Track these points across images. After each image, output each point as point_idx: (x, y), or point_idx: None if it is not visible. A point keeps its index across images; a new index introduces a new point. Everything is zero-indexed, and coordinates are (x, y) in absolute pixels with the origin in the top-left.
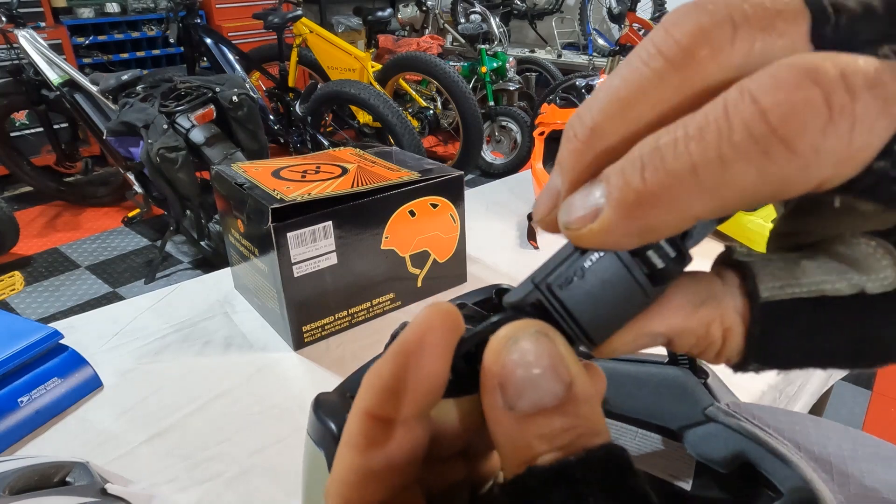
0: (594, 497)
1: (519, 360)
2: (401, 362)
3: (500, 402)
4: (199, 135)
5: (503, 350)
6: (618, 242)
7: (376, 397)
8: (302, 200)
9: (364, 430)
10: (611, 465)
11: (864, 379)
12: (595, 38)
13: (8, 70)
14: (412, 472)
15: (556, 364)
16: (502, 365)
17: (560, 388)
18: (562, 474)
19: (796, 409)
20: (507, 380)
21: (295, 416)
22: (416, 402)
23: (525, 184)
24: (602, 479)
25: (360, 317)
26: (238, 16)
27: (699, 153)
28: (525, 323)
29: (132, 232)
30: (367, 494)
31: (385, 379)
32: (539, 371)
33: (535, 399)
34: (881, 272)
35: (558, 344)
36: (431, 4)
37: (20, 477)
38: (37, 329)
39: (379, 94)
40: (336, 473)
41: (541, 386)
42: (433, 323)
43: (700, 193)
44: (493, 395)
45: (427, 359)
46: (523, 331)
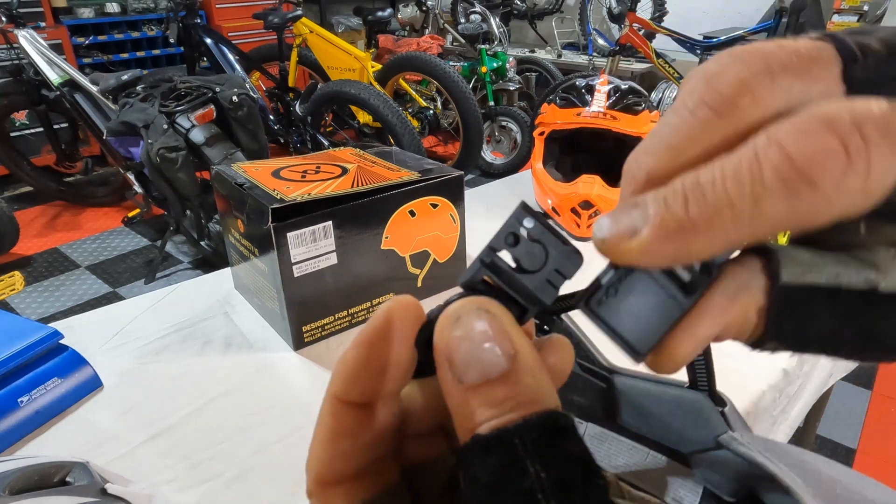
0: (530, 460)
1: (462, 335)
2: (364, 351)
3: (450, 375)
4: (199, 135)
5: (448, 327)
6: (652, 261)
7: (343, 383)
8: (302, 200)
9: (333, 412)
10: (547, 430)
11: (864, 379)
12: (595, 38)
13: (8, 70)
14: (383, 447)
15: (498, 337)
16: (447, 341)
17: (503, 360)
18: (500, 440)
19: (796, 409)
20: (453, 354)
21: (295, 416)
22: (377, 387)
23: (525, 184)
24: (538, 444)
25: (360, 317)
26: (238, 16)
27: (735, 190)
28: (468, 300)
29: (132, 232)
30: (337, 469)
31: (350, 366)
32: (482, 344)
33: (479, 371)
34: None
35: (501, 318)
36: (431, 4)
37: (20, 477)
38: (37, 329)
39: (379, 94)
40: (311, 450)
41: (484, 358)
42: (393, 314)
43: (735, 224)
44: (443, 369)
45: (388, 346)
46: (465, 308)
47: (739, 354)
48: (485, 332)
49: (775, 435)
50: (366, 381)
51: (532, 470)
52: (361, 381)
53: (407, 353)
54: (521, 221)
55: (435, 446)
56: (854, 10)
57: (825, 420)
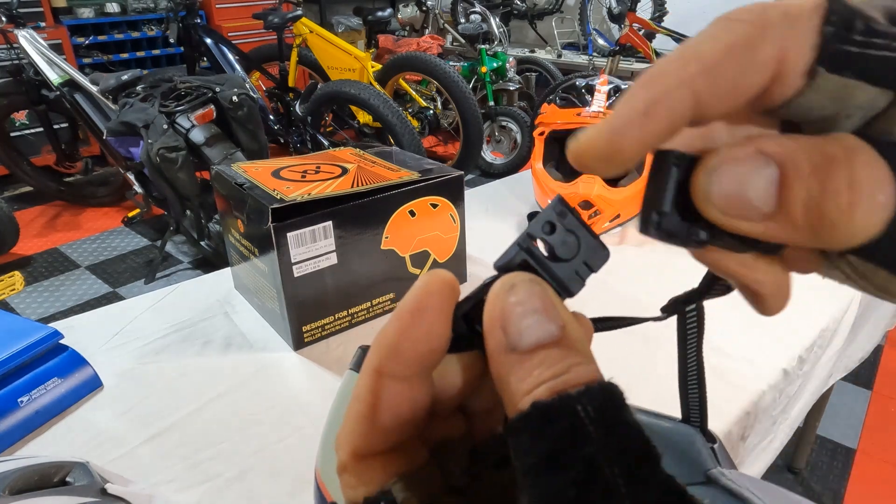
0: (594, 427)
1: (517, 301)
2: (404, 324)
3: (504, 342)
4: (199, 135)
5: (503, 294)
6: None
7: (383, 356)
8: (302, 200)
9: (372, 386)
10: (608, 399)
11: (864, 379)
12: (595, 38)
13: (8, 70)
14: (416, 425)
15: (549, 307)
16: (502, 308)
17: (554, 327)
18: (563, 407)
19: (796, 409)
20: (508, 320)
21: (295, 416)
22: (419, 360)
23: (525, 184)
24: (600, 413)
25: (360, 317)
26: (238, 16)
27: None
28: (518, 274)
29: (132, 232)
30: (374, 444)
31: (390, 339)
32: (536, 311)
33: (534, 336)
34: None
35: (550, 291)
36: (431, 4)
37: (20, 477)
38: (37, 329)
39: (379, 94)
40: (346, 424)
41: (538, 324)
42: (431, 287)
43: None
44: (496, 337)
45: (427, 319)
46: (520, 278)
47: (739, 354)
48: (538, 300)
49: (775, 435)
50: (406, 354)
51: (596, 437)
52: (402, 353)
53: (445, 325)
54: (557, 212)
55: (455, 427)
56: None
57: (825, 420)
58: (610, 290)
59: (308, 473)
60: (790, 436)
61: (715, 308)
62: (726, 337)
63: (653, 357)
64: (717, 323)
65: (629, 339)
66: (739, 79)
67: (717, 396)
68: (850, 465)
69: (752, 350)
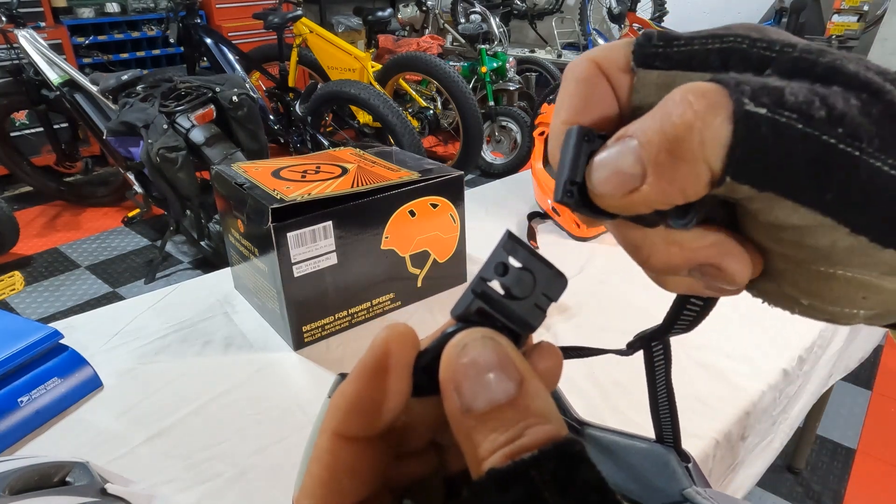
0: (549, 492)
1: (469, 363)
2: (363, 384)
3: (458, 404)
4: (199, 135)
5: (455, 356)
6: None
7: (343, 417)
8: (302, 200)
9: (332, 448)
10: (563, 460)
11: (864, 379)
12: (595, 38)
13: (8, 70)
14: (378, 479)
15: (504, 364)
16: (454, 370)
17: (511, 385)
18: (517, 474)
19: (796, 409)
20: (461, 383)
21: (295, 416)
22: (378, 420)
23: (525, 184)
24: (556, 475)
25: (360, 317)
26: (238, 16)
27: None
28: (473, 331)
29: (132, 232)
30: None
31: (350, 400)
32: (489, 371)
33: (488, 397)
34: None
35: (505, 346)
36: (431, 4)
37: (20, 477)
38: (37, 329)
39: (379, 94)
40: (306, 487)
41: (492, 385)
42: (389, 346)
43: None
44: (451, 399)
45: (386, 379)
46: (471, 336)
47: (739, 354)
48: (491, 359)
49: (775, 435)
50: (365, 414)
51: (552, 502)
52: (361, 414)
53: (405, 383)
54: (507, 250)
55: (427, 463)
56: (854, 11)
57: (825, 420)
58: (608, 291)
59: None
60: (790, 436)
61: (715, 308)
62: (726, 337)
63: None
64: (717, 323)
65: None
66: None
67: (717, 397)
68: (850, 465)
69: (752, 350)
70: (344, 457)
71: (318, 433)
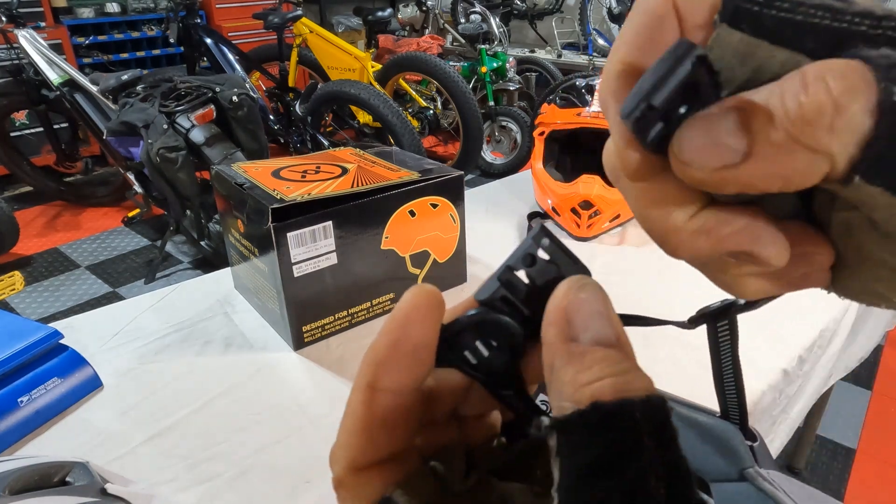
0: (648, 438)
1: (586, 299)
2: (394, 336)
3: (566, 332)
4: (199, 135)
5: (574, 289)
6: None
7: (375, 370)
8: (302, 200)
9: (365, 400)
10: (661, 413)
11: (864, 379)
12: (595, 38)
13: (8, 70)
14: (408, 434)
15: (611, 313)
16: (570, 300)
17: (613, 332)
18: (624, 412)
19: (796, 409)
20: (576, 313)
21: (295, 415)
22: (409, 372)
23: (525, 184)
24: (654, 423)
25: (360, 317)
26: (238, 16)
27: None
28: (586, 277)
29: (132, 232)
30: (369, 456)
31: (380, 353)
32: (600, 313)
33: (597, 333)
34: None
35: (610, 301)
36: (431, 4)
37: (20, 477)
38: (37, 329)
39: (379, 94)
40: (340, 439)
41: (601, 324)
42: (418, 301)
43: None
44: (559, 326)
45: (415, 332)
46: (588, 280)
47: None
48: (602, 305)
49: (775, 435)
50: (396, 367)
51: (650, 450)
52: (392, 366)
53: (433, 337)
54: (537, 242)
55: (450, 434)
56: None
57: (825, 420)
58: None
59: (308, 473)
60: (790, 436)
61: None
62: None
63: (653, 358)
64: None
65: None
66: (665, 44)
67: (717, 397)
68: (850, 465)
69: (752, 350)
70: (376, 409)
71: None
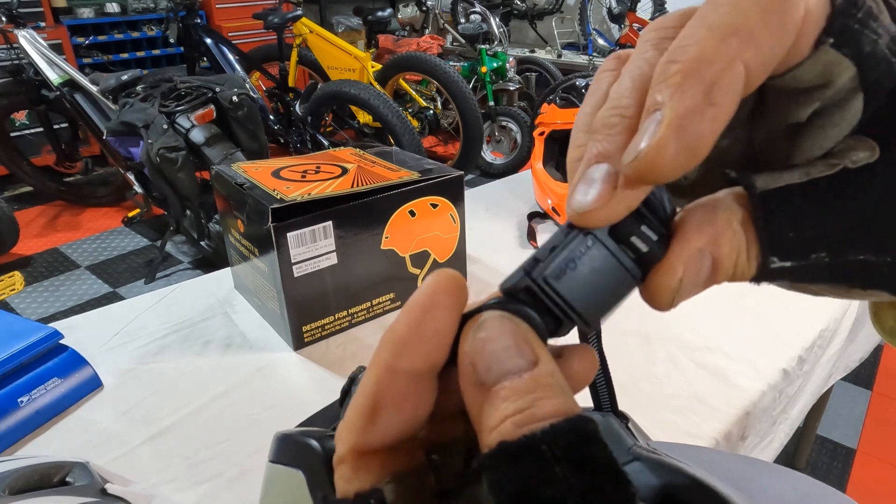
0: (560, 467)
1: (486, 338)
2: (415, 319)
3: (473, 376)
4: (199, 135)
5: (472, 330)
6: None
7: (394, 350)
8: (302, 200)
9: (380, 380)
10: (575, 436)
11: (864, 379)
12: (595, 38)
13: (8, 70)
14: (417, 425)
15: (519, 343)
16: (471, 343)
17: (523, 362)
18: (528, 446)
19: (796, 409)
20: (477, 356)
21: (295, 415)
22: (428, 357)
23: (525, 184)
24: (568, 450)
25: (360, 317)
26: (238, 16)
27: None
28: (489, 311)
29: (132, 232)
30: (374, 440)
31: (401, 333)
32: (504, 347)
33: (501, 370)
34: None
35: (522, 326)
36: (431, 4)
37: (20, 477)
38: (37, 329)
39: (379, 94)
40: (349, 417)
41: (505, 360)
42: (441, 285)
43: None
44: (466, 371)
45: (438, 315)
46: (491, 314)
47: (739, 354)
48: (507, 337)
49: (775, 435)
50: (415, 349)
51: (562, 478)
52: (411, 348)
53: (454, 322)
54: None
55: (456, 429)
56: None
57: (825, 420)
58: None
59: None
60: (790, 436)
61: (715, 308)
62: (726, 337)
63: (653, 357)
64: (717, 323)
65: (629, 340)
66: (776, 44)
67: (716, 397)
68: (850, 465)
69: (752, 350)
70: (391, 389)
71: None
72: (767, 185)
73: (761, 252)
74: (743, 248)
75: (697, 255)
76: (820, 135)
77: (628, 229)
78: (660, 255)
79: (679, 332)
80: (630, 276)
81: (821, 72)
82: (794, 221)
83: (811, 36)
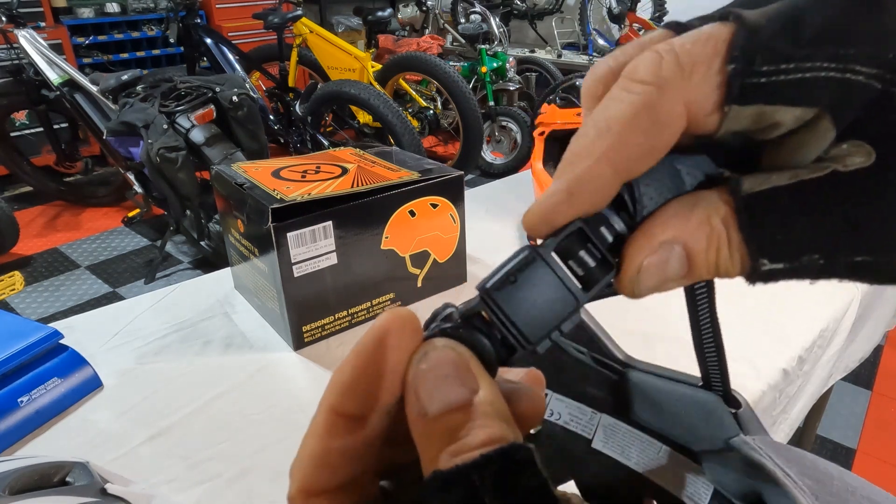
0: (489, 497)
1: (427, 369)
2: (362, 361)
3: (416, 409)
4: (199, 135)
5: (416, 360)
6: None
7: (340, 394)
8: (302, 200)
9: (327, 423)
10: (507, 465)
11: (864, 379)
12: (595, 38)
13: (8, 70)
14: (368, 461)
15: (460, 371)
16: (413, 373)
17: (465, 392)
18: (458, 476)
19: (796, 409)
20: (419, 386)
21: (295, 415)
22: (374, 399)
23: (525, 184)
24: (497, 480)
25: (360, 317)
26: (238, 16)
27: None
28: (433, 340)
29: (132, 232)
30: (323, 482)
31: (348, 377)
32: (445, 377)
33: (441, 402)
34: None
35: (465, 356)
36: (431, 4)
37: (20, 477)
38: (37, 329)
39: (379, 94)
40: (299, 458)
41: (446, 390)
42: (391, 326)
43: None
44: (409, 401)
45: (386, 357)
46: (434, 344)
47: (739, 354)
48: (449, 366)
49: (775, 435)
50: (362, 393)
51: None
52: (358, 392)
53: (403, 365)
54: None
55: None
56: None
57: (825, 420)
58: None
59: None
60: (790, 436)
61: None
62: (726, 337)
63: (653, 357)
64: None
65: (629, 340)
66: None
67: None
68: (850, 466)
69: (752, 350)
70: (337, 434)
71: (315, 412)
72: (753, 188)
73: (749, 254)
74: (724, 245)
75: (661, 247)
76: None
77: (573, 247)
78: (600, 277)
79: (679, 332)
80: (571, 294)
81: (754, 121)
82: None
83: (704, 113)
